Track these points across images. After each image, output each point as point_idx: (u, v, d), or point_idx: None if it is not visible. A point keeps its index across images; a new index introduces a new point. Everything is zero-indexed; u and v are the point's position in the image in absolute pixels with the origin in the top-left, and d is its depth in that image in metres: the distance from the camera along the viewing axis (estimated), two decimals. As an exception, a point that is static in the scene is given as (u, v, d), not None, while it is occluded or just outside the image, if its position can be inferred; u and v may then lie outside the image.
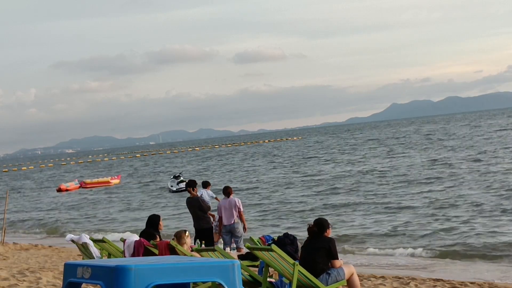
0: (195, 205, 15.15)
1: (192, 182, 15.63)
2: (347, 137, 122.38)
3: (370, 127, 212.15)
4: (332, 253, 9.50)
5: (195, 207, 15.14)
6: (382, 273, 14.54)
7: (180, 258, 5.56)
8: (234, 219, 14.87)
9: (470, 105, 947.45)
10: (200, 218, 15.06)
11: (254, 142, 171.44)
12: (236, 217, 14.90)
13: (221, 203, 15.07)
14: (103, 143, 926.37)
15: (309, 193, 34.24)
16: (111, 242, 13.15)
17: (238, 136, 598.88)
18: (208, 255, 10.28)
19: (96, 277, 4.71)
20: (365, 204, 27.68)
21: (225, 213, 14.89)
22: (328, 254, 9.48)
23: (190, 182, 15.68)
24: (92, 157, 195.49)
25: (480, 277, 14.22)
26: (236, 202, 14.95)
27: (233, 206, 14.88)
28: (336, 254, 9.55)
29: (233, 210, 14.87)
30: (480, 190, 27.88)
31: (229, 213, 14.85)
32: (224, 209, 14.92)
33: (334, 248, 9.54)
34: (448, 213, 23.01)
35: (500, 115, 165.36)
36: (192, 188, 15.39)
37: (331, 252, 9.49)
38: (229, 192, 15.08)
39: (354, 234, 21.17)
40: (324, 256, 9.47)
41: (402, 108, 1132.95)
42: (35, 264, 17.16)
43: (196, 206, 15.12)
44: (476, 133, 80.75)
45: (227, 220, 14.85)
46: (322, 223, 9.66)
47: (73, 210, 39.92)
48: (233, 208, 14.88)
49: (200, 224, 15.06)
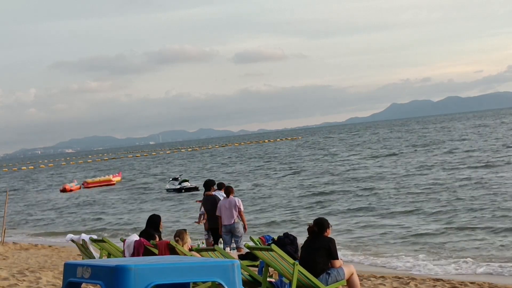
0: (211, 203, 15.36)
1: (210, 182, 15.92)
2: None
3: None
4: (332, 253, 9.49)
5: (210, 206, 15.35)
6: (382, 273, 14.54)
7: (180, 258, 5.56)
8: (234, 219, 14.85)
9: (470, 105, 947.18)
10: (214, 217, 15.20)
11: (255, 142, 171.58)
12: (237, 217, 14.90)
13: (221, 203, 15.04)
14: (103, 143, 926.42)
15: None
16: (111, 242, 13.14)
17: (238, 136, 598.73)
18: (208, 255, 10.28)
19: (96, 277, 4.71)
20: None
21: (225, 212, 14.86)
22: (328, 254, 9.47)
23: (208, 182, 15.96)
24: (92, 157, 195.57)
25: (480, 277, 14.21)
26: (236, 201, 14.92)
27: (233, 206, 14.85)
28: (336, 254, 9.54)
29: (233, 210, 14.85)
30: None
31: (229, 213, 14.82)
32: (224, 208, 14.88)
33: (334, 248, 9.53)
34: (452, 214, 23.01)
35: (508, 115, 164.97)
36: (209, 188, 15.68)
37: (331, 252, 9.48)
38: (229, 192, 15.07)
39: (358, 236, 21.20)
40: (324, 256, 9.45)
41: (402, 108, 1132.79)
42: (35, 264, 17.16)
43: (211, 205, 15.33)
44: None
45: (227, 219, 14.82)
46: (322, 223, 9.64)
47: (73, 210, 39.95)
48: (233, 208, 14.86)
49: (215, 222, 15.20)
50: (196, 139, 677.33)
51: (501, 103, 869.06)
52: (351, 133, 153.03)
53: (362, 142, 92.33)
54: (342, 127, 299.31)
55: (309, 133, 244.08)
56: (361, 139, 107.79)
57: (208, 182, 16.03)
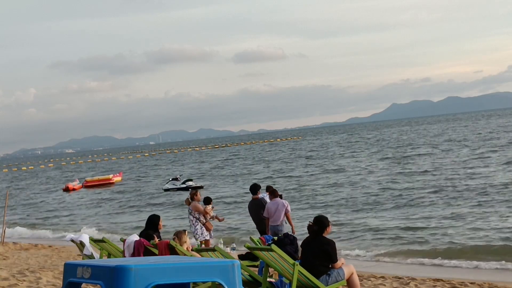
0: (258, 207, 15.38)
1: (257, 186, 15.90)
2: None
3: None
4: (332, 257, 9.50)
5: (258, 209, 15.36)
6: (382, 273, 14.54)
7: (180, 258, 5.56)
8: (281, 220, 14.81)
9: (470, 105, 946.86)
10: (262, 219, 15.22)
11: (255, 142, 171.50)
12: (283, 219, 14.87)
13: (269, 205, 15.00)
14: (102, 143, 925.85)
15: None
16: (111, 242, 13.15)
17: (238, 136, 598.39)
18: (208, 255, 10.28)
19: (96, 277, 4.71)
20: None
21: (272, 214, 14.81)
22: (328, 258, 9.48)
23: (255, 186, 15.93)
24: (92, 157, 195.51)
25: (480, 277, 14.20)
26: (284, 203, 14.89)
27: (280, 207, 14.79)
28: (335, 257, 9.55)
29: (281, 212, 14.78)
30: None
31: (277, 215, 14.76)
32: (271, 210, 14.84)
33: (334, 252, 9.54)
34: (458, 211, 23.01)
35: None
36: (255, 191, 15.68)
37: (330, 256, 9.49)
38: (276, 194, 15.05)
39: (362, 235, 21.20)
40: (324, 260, 9.46)
41: (402, 108, 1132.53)
42: (35, 264, 17.16)
43: (258, 208, 15.34)
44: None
45: (273, 221, 14.78)
46: (322, 221, 9.64)
47: (74, 210, 39.94)
48: (280, 209, 14.78)
49: (264, 225, 15.21)
50: (196, 139, 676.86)
51: (501, 103, 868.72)
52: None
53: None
54: (363, 126, 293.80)
55: (310, 133, 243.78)
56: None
57: (255, 186, 16.00)
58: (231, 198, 36.40)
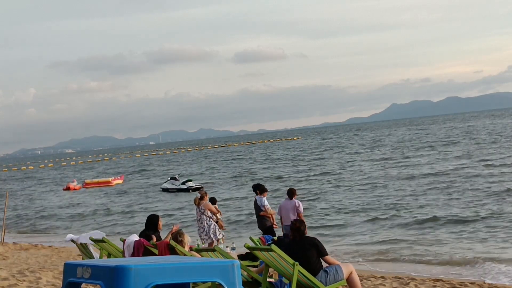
0: (256, 206, 15.90)
1: (259, 186, 16.25)
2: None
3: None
4: (321, 251, 9.57)
5: (257, 209, 15.85)
6: (382, 273, 14.55)
7: (180, 258, 5.56)
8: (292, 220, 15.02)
9: (470, 105, 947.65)
10: (261, 219, 15.69)
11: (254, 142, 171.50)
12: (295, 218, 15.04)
13: (282, 204, 15.41)
14: (102, 143, 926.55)
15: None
16: (111, 242, 13.15)
17: (238, 136, 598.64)
18: (208, 255, 10.28)
19: (96, 277, 4.70)
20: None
21: (285, 214, 15.13)
22: (318, 252, 9.53)
23: (258, 186, 16.28)
24: (92, 157, 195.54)
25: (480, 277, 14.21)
26: (296, 203, 15.15)
27: (292, 207, 15.08)
28: (325, 250, 9.65)
29: (293, 211, 15.02)
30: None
31: (289, 214, 15.02)
32: (284, 210, 15.19)
33: (321, 245, 9.66)
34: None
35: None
36: (259, 191, 16.00)
37: (319, 250, 9.56)
38: (292, 194, 15.30)
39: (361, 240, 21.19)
40: (315, 255, 9.52)
41: (402, 108, 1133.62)
42: (35, 264, 17.17)
43: (257, 208, 15.86)
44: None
45: (286, 220, 15.06)
46: (302, 221, 9.90)
47: (75, 209, 39.95)
48: (292, 209, 15.06)
49: (262, 224, 15.70)
50: (196, 139, 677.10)
51: (501, 103, 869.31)
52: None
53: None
54: (343, 127, 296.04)
55: (310, 133, 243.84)
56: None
57: (258, 186, 16.39)
58: (231, 199, 36.43)
